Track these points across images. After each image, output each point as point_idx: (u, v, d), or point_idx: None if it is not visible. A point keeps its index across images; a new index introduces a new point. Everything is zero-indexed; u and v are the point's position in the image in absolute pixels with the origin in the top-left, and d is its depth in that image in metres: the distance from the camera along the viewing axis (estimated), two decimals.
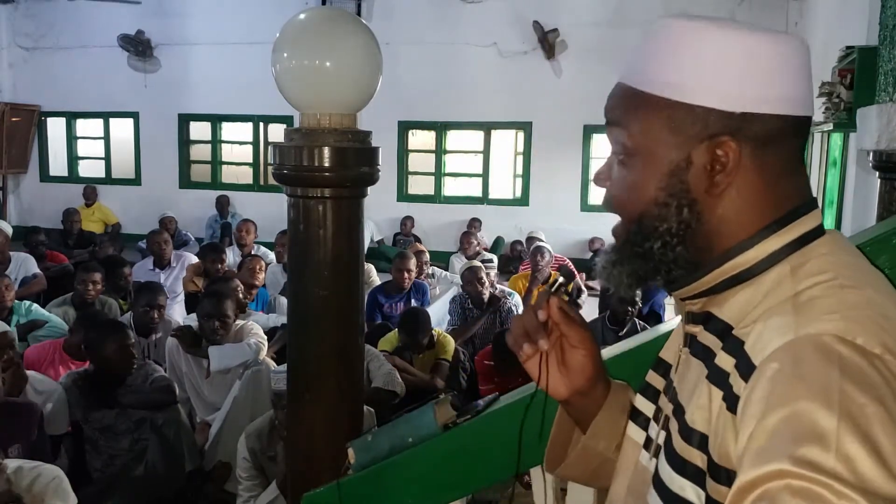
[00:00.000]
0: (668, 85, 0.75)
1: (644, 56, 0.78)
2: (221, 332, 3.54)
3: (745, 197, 0.74)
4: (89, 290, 4.48)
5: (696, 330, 0.79)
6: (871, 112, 2.47)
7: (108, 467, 3.11)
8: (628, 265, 0.79)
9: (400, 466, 1.57)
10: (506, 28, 9.09)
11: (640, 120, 0.77)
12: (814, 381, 0.59)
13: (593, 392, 0.94)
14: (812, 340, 0.62)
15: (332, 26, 1.70)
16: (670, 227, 0.76)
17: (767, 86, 0.73)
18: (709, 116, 0.73)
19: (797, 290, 0.69)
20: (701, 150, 0.74)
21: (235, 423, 3.21)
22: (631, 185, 0.78)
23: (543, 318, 0.88)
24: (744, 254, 0.74)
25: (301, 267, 1.74)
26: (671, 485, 0.75)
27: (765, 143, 0.73)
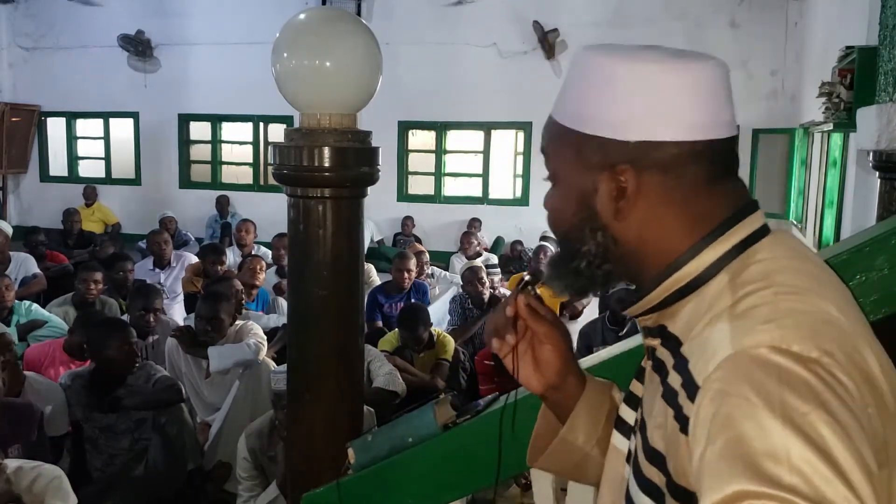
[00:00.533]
0: (575, 117, 0.79)
1: (562, 89, 0.82)
2: (213, 335, 3.54)
3: (657, 219, 0.76)
4: (91, 290, 4.48)
5: (654, 343, 0.80)
6: (871, 112, 2.47)
7: (108, 467, 3.10)
8: (563, 279, 0.83)
9: (400, 466, 1.57)
10: (506, 28, 9.09)
11: (556, 149, 0.82)
12: (755, 397, 0.58)
13: (564, 386, 0.97)
14: (748, 355, 0.62)
15: (332, 26, 1.70)
16: (590, 249, 0.80)
17: (662, 114, 0.74)
18: (607, 146, 0.76)
19: (734, 300, 0.69)
20: (604, 179, 0.77)
21: (235, 423, 3.21)
22: (555, 208, 0.84)
23: (510, 313, 0.92)
24: (683, 268, 0.75)
25: (301, 267, 1.74)
26: (636, 500, 0.77)
27: (665, 168, 0.75)
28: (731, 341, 0.64)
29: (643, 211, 0.76)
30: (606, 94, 0.76)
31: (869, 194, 3.78)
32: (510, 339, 0.91)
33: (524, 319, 0.93)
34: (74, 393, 3.11)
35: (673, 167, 0.75)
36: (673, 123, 0.75)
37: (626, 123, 0.75)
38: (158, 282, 5.34)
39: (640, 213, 0.76)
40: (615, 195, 0.76)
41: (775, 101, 8.50)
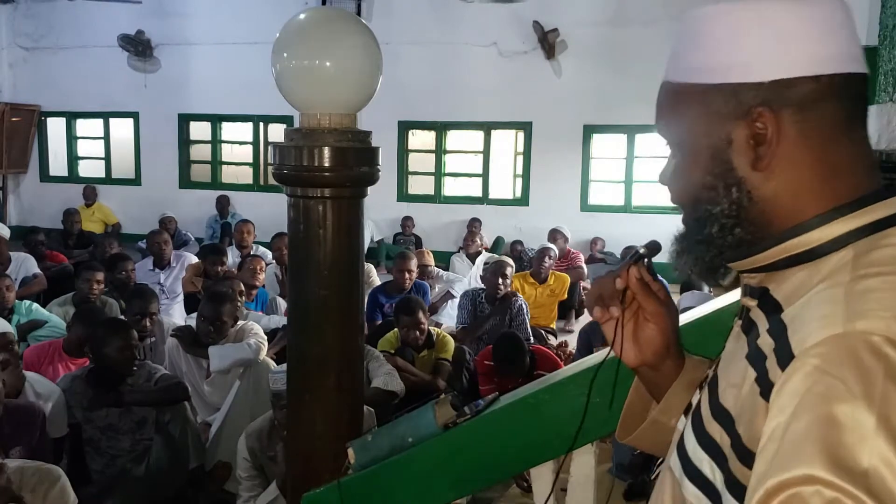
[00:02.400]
0: (696, 70, 0.75)
1: (674, 50, 0.79)
2: (214, 336, 3.54)
3: (796, 168, 0.72)
4: (93, 289, 4.49)
5: (751, 304, 0.77)
6: (871, 112, 2.47)
7: (108, 468, 3.10)
8: (692, 253, 0.79)
9: (400, 466, 1.57)
10: (506, 28, 9.09)
11: (679, 111, 0.78)
12: (856, 385, 0.55)
13: (662, 367, 0.94)
14: (859, 339, 0.58)
15: (332, 26, 1.70)
16: (723, 209, 0.75)
17: (792, 49, 0.71)
18: (739, 92, 0.72)
19: (854, 277, 0.64)
20: (739, 127, 0.73)
21: (235, 423, 3.21)
22: (681, 175, 0.79)
23: (621, 285, 0.89)
24: (807, 234, 0.71)
25: (301, 267, 1.74)
26: (692, 455, 0.75)
27: (803, 108, 0.71)
28: (843, 320, 0.60)
29: (782, 157, 0.72)
30: (731, 38, 0.73)
31: None
32: (614, 312, 0.89)
33: (634, 293, 0.90)
34: (74, 394, 3.11)
35: (810, 105, 0.71)
36: (806, 57, 0.71)
37: (756, 63, 0.71)
38: (158, 282, 5.35)
39: (779, 160, 0.72)
40: (753, 142, 0.72)
41: None
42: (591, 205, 9.07)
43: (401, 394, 3.36)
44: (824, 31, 0.72)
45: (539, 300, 5.71)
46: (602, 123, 8.84)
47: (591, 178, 9.15)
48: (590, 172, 9.13)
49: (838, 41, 0.72)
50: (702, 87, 0.75)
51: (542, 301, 5.75)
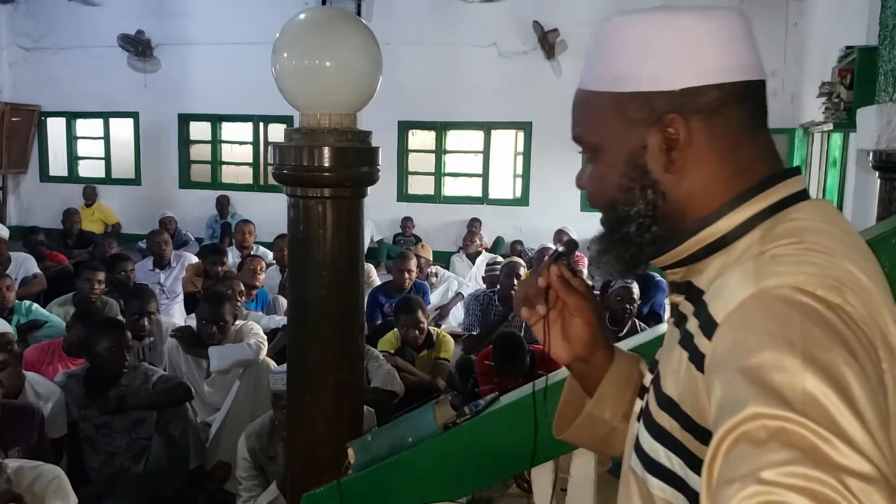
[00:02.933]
0: (611, 79, 0.80)
1: (589, 60, 0.83)
2: (219, 337, 3.54)
3: (706, 168, 0.78)
4: (94, 289, 4.49)
5: (678, 299, 0.82)
6: (871, 112, 2.47)
7: (106, 466, 3.10)
8: (613, 251, 0.83)
9: (400, 466, 1.57)
10: (506, 28, 9.09)
11: (595, 118, 0.82)
12: (777, 330, 0.60)
13: (593, 359, 0.97)
14: (771, 293, 0.64)
15: (332, 26, 1.70)
16: (639, 210, 0.80)
17: (700, 59, 0.77)
18: (652, 99, 0.77)
19: (761, 251, 0.70)
20: (653, 133, 0.78)
21: (235, 423, 3.21)
22: (598, 178, 0.84)
23: (543, 284, 0.92)
24: (717, 222, 0.77)
25: (301, 267, 1.74)
26: (648, 449, 0.79)
27: (710, 113, 0.77)
28: (755, 281, 0.66)
29: (693, 160, 0.77)
30: (643, 49, 0.78)
31: (869, 194, 3.78)
32: (541, 310, 0.91)
33: (556, 291, 0.93)
34: (70, 392, 3.11)
35: (717, 111, 0.77)
36: (712, 67, 0.76)
37: (667, 73, 0.77)
38: (158, 282, 5.34)
39: (690, 161, 0.77)
40: (666, 147, 0.77)
41: (775, 101, 8.48)
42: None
43: (400, 394, 3.36)
44: (727, 43, 0.77)
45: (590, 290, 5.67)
46: None
47: None
48: None
49: (739, 52, 0.78)
50: (616, 95, 0.79)
51: None
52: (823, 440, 0.51)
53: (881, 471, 0.51)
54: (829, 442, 0.51)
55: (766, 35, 8.39)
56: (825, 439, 0.51)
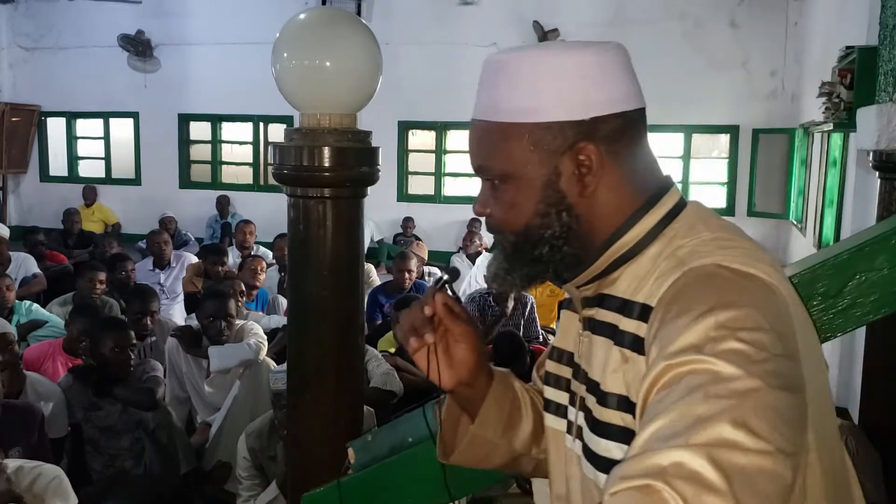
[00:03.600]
0: (523, 111, 0.83)
1: (492, 93, 0.86)
2: (228, 333, 3.54)
3: (612, 189, 0.84)
4: (95, 289, 4.49)
5: (592, 312, 0.88)
6: (871, 112, 2.47)
7: (107, 468, 3.10)
8: (521, 270, 0.88)
9: (400, 466, 1.57)
10: (506, 28, 9.09)
11: (506, 148, 0.84)
12: (698, 295, 0.72)
13: (476, 382, 0.99)
14: (695, 269, 0.76)
15: (332, 26, 1.70)
16: (554, 232, 0.85)
17: (604, 89, 0.83)
18: (564, 129, 0.82)
19: (676, 248, 0.81)
20: (566, 160, 0.83)
21: (235, 423, 3.21)
22: (510, 205, 0.86)
23: (429, 312, 0.93)
24: (625, 235, 0.84)
25: (301, 267, 1.74)
26: (599, 450, 0.83)
27: (614, 140, 0.83)
28: (680, 267, 0.77)
29: (603, 183, 0.84)
30: (551, 82, 0.82)
31: (869, 194, 3.78)
32: (429, 338, 0.92)
33: (441, 318, 0.94)
34: (74, 393, 3.11)
35: (618, 136, 0.84)
36: (615, 96, 0.84)
37: (576, 104, 0.82)
38: (158, 282, 5.34)
39: (601, 185, 0.84)
40: (579, 172, 0.83)
41: (775, 101, 8.49)
42: None
43: (400, 393, 3.35)
44: (621, 73, 0.85)
45: (539, 300, 5.70)
46: None
47: None
48: None
49: (631, 81, 0.86)
50: (529, 125, 0.83)
51: (542, 301, 5.75)
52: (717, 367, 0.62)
53: (764, 383, 0.61)
54: (733, 376, 0.61)
55: (766, 35, 8.40)
56: (730, 372, 0.62)
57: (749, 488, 0.53)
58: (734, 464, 0.54)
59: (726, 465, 0.54)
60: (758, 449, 0.56)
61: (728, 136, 8.83)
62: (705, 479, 0.53)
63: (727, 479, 0.53)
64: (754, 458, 0.55)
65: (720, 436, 0.56)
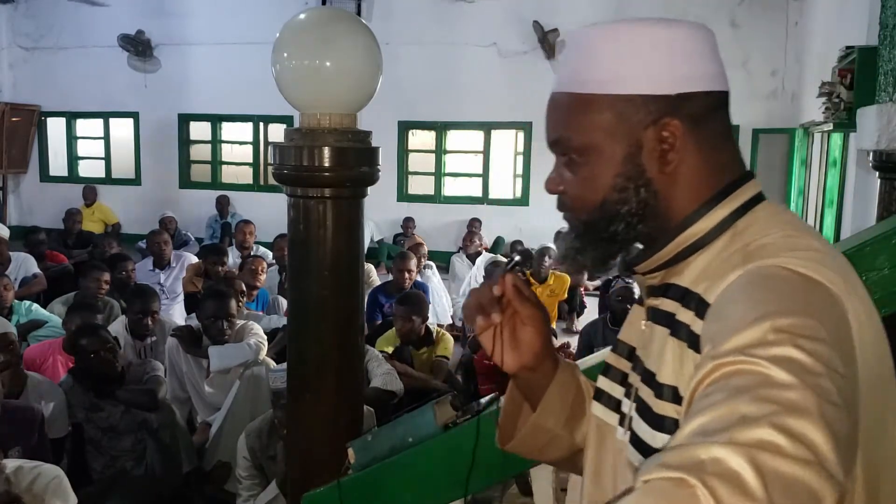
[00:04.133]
0: (607, 82, 0.82)
1: (576, 65, 0.85)
2: (229, 332, 3.54)
3: (691, 171, 0.82)
4: (101, 288, 4.49)
5: (657, 302, 0.86)
6: (871, 112, 2.47)
7: (108, 468, 3.10)
8: (593, 251, 0.86)
9: (400, 466, 1.57)
10: (506, 28, 9.09)
11: (588, 119, 0.83)
12: (757, 293, 0.68)
13: (541, 368, 0.98)
14: (758, 268, 0.72)
15: (332, 26, 1.70)
16: (630, 209, 0.83)
17: (692, 66, 0.82)
18: (649, 102, 0.81)
19: (746, 243, 0.77)
20: (648, 134, 0.81)
21: (236, 423, 3.21)
22: (588, 180, 0.85)
23: (498, 292, 0.92)
24: (695, 224, 0.82)
25: (301, 267, 1.74)
26: (653, 442, 0.80)
27: (698, 119, 0.81)
28: (743, 265, 0.73)
29: (684, 162, 0.82)
30: (641, 55, 0.81)
31: (869, 194, 3.78)
32: (496, 318, 0.91)
33: (510, 300, 0.93)
34: (75, 394, 3.12)
35: (704, 116, 0.82)
36: (703, 74, 0.82)
37: (664, 78, 0.81)
38: (158, 282, 5.34)
39: (682, 164, 0.82)
40: (662, 148, 0.81)
41: (775, 101, 8.49)
42: None
43: (400, 394, 3.35)
44: (710, 53, 0.84)
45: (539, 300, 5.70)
46: None
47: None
48: None
49: (717, 62, 0.84)
50: (614, 97, 0.81)
51: (542, 301, 5.71)
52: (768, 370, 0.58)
53: (818, 397, 0.56)
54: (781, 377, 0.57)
55: (766, 35, 8.40)
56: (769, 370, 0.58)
57: (787, 499, 0.50)
58: (775, 469, 0.51)
59: (766, 470, 0.51)
60: (803, 458, 0.52)
61: None
62: (743, 480, 0.50)
63: (765, 484, 0.50)
64: (797, 468, 0.52)
65: (764, 438, 0.52)
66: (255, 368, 3.39)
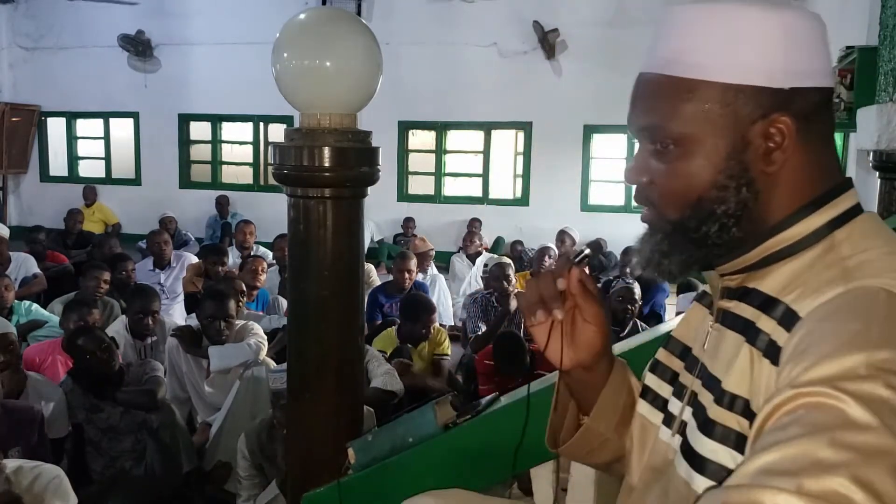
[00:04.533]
0: (717, 68, 0.74)
1: (677, 43, 0.76)
2: (227, 333, 3.54)
3: (793, 173, 0.75)
4: (100, 288, 4.50)
5: (730, 305, 0.79)
6: (871, 112, 2.47)
7: (108, 468, 3.11)
8: (680, 254, 0.79)
9: (400, 466, 1.57)
10: (506, 28, 9.08)
11: (690, 107, 0.75)
12: (855, 322, 0.60)
13: (597, 367, 0.93)
14: (860, 289, 0.65)
15: (332, 26, 1.70)
16: (728, 209, 0.76)
17: (807, 59, 0.74)
18: (760, 95, 0.73)
19: (843, 257, 0.70)
20: (756, 130, 0.74)
21: (235, 423, 3.21)
22: (684, 173, 0.77)
23: (562, 287, 0.86)
24: (788, 230, 0.75)
25: (301, 267, 1.74)
26: (703, 451, 0.75)
27: (807, 117, 0.75)
28: (844, 281, 0.67)
29: (789, 163, 0.75)
30: (757, 41, 0.73)
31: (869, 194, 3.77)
32: (558, 314, 0.85)
33: (573, 295, 0.87)
34: (76, 395, 3.12)
35: (814, 115, 0.75)
36: (818, 68, 0.75)
37: (779, 70, 0.73)
38: (158, 282, 5.34)
39: (786, 165, 0.75)
40: (770, 146, 0.74)
41: None
42: (591, 205, 9.06)
43: (400, 394, 3.35)
44: (824, 46, 0.77)
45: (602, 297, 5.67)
46: (602, 123, 8.83)
47: (591, 178, 9.15)
48: (590, 172, 9.13)
49: (829, 56, 0.77)
50: (721, 85, 0.74)
51: None
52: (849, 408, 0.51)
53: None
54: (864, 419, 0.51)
55: None
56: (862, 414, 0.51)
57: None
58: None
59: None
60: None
61: None
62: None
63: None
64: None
65: (837, 490, 0.47)
66: (255, 369, 3.39)
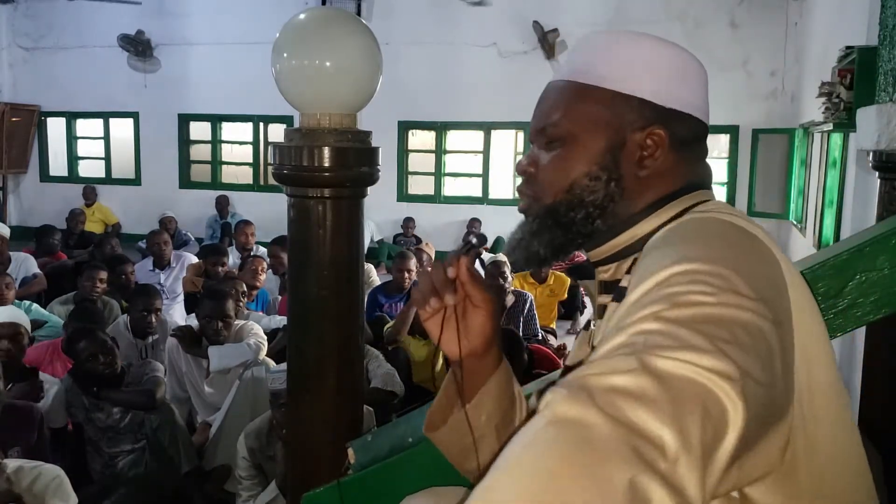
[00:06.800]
0: (610, 78, 0.86)
1: (584, 58, 0.89)
2: (225, 333, 3.54)
3: (659, 182, 0.86)
4: (96, 288, 4.50)
5: (606, 301, 0.88)
6: (871, 112, 2.47)
7: (108, 468, 3.11)
8: (547, 234, 0.88)
9: (400, 466, 1.57)
10: (506, 28, 9.09)
11: (583, 107, 0.87)
12: (681, 237, 0.72)
13: (487, 356, 0.96)
14: (691, 218, 0.77)
15: (332, 26, 1.70)
16: (595, 199, 0.86)
17: (690, 92, 0.87)
18: (643, 108, 0.85)
19: (663, 244, 0.78)
20: (635, 136, 0.85)
21: (235, 423, 3.21)
22: (563, 163, 0.87)
23: (452, 275, 0.90)
24: (635, 226, 0.86)
25: (301, 267, 1.74)
26: None
27: (683, 141, 0.86)
28: (659, 264, 0.70)
29: (656, 172, 0.85)
30: (650, 65, 0.86)
31: (869, 194, 3.77)
32: (450, 300, 0.88)
33: (463, 283, 0.91)
34: (76, 395, 3.12)
35: (690, 141, 0.87)
36: (696, 102, 0.87)
37: (664, 91, 0.85)
38: (158, 282, 5.34)
39: (653, 174, 0.85)
40: (644, 152, 0.85)
41: (775, 101, 8.49)
42: None
43: (401, 394, 3.36)
44: (705, 89, 0.89)
45: (539, 300, 5.71)
46: None
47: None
48: None
49: (706, 100, 0.90)
50: (613, 92, 0.85)
51: (542, 301, 5.75)
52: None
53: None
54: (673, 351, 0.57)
55: (766, 35, 8.40)
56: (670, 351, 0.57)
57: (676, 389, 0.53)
58: (664, 369, 0.54)
59: (655, 368, 0.54)
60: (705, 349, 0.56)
61: (728, 137, 8.83)
62: (631, 385, 0.53)
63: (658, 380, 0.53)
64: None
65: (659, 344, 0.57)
66: (254, 369, 3.39)
